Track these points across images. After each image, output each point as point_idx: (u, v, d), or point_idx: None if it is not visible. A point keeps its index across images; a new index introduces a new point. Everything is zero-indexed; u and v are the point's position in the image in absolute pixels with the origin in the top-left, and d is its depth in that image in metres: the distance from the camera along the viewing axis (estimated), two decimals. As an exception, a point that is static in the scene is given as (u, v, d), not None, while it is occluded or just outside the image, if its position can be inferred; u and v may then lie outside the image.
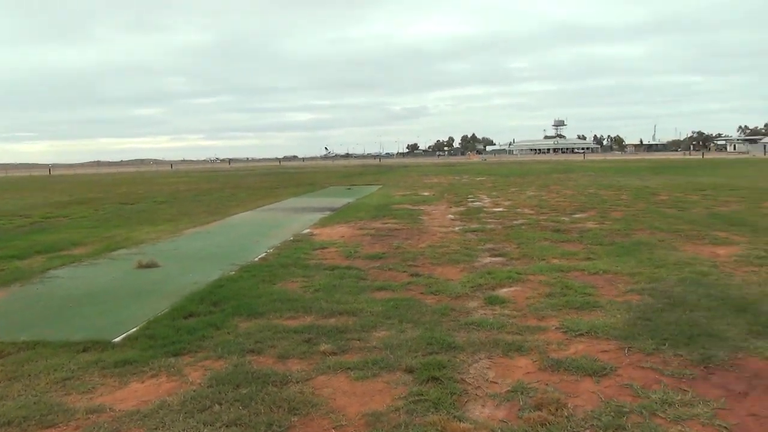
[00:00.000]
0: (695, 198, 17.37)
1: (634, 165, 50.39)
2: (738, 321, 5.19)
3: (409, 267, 8.06)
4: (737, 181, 25.08)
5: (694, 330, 4.96)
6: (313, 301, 6.23)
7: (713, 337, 4.81)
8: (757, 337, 4.81)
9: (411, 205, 17.40)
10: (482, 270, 7.72)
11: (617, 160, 75.54)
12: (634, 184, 24.56)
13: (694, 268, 7.43)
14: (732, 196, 17.74)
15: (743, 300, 5.85)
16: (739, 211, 13.84)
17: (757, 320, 5.20)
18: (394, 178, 35.58)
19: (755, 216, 12.74)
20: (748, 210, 13.97)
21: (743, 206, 14.81)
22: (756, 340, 4.73)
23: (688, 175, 30.76)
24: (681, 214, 13.35)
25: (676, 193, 19.38)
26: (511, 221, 12.86)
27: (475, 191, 22.71)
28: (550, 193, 20.60)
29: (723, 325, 5.08)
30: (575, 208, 15.26)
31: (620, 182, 25.95)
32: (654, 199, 17.51)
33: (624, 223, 12.04)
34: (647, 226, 11.42)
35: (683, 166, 45.91)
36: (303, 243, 10.42)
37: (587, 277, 7.20)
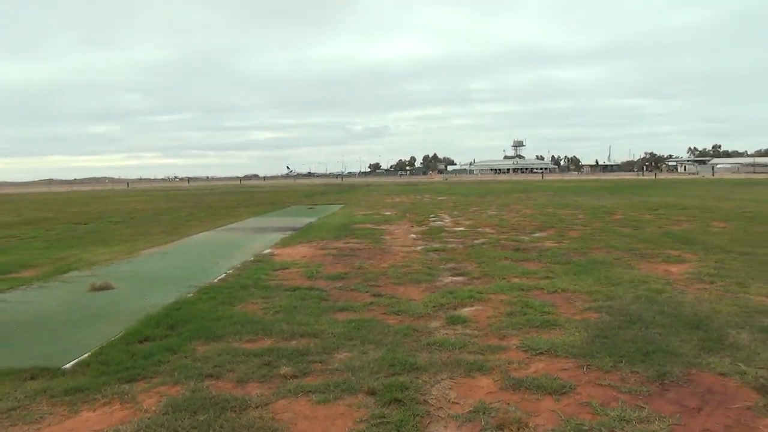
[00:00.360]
0: (649, 217, 17.92)
1: (590, 185, 51.75)
2: (691, 337, 5.35)
3: (371, 287, 8.04)
4: (688, 200, 26.02)
5: (650, 347, 5.08)
6: (273, 323, 6.13)
7: (668, 353, 4.94)
8: (709, 353, 4.96)
9: (373, 224, 17.41)
10: (444, 289, 7.75)
11: (574, 180, 77.46)
12: (591, 203, 25.20)
13: (649, 285, 7.64)
14: (683, 215, 18.38)
15: (695, 317, 6.03)
16: (690, 229, 14.34)
17: (709, 336, 5.36)
18: (357, 197, 35.59)
19: (705, 234, 13.21)
20: (698, 229, 14.48)
21: (694, 225, 15.35)
22: (708, 356, 4.87)
23: (641, 195, 31.74)
24: (635, 233, 13.74)
25: (631, 212, 19.96)
26: (472, 240, 13.00)
27: (436, 210, 22.90)
28: (510, 213, 20.94)
29: (677, 342, 5.22)
30: (534, 228, 15.54)
31: (577, 202, 26.59)
32: (609, 218, 17.99)
33: (581, 241, 12.32)
34: (603, 245, 11.71)
35: (637, 186, 47.39)
36: (264, 263, 10.28)
37: (546, 295, 7.32)
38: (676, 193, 34.01)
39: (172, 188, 75.70)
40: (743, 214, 18.13)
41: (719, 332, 5.49)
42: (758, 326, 5.68)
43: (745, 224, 15.26)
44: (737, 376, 4.45)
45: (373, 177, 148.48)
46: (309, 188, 58.68)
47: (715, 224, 15.45)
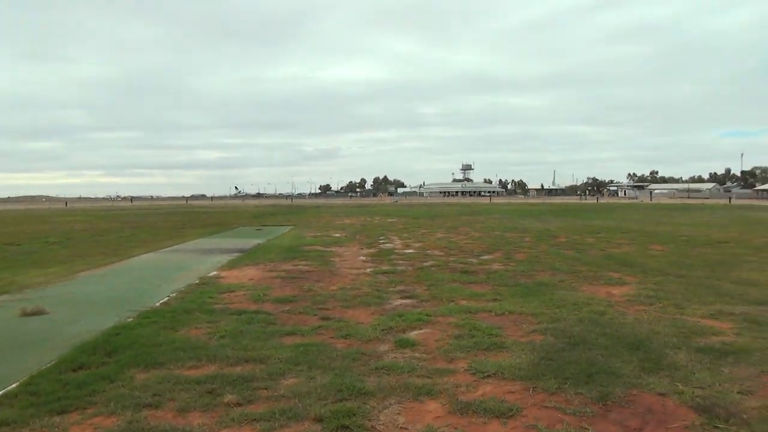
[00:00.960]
0: (591, 240, 18.51)
1: (536, 208, 53.16)
2: (632, 358, 5.50)
3: (319, 310, 7.95)
4: (628, 224, 27.05)
5: (593, 368, 5.20)
6: (217, 349, 5.96)
7: (610, 374, 5.06)
8: (649, 373, 5.11)
9: (323, 246, 17.30)
10: (393, 312, 7.74)
11: (521, 203, 79.44)
12: (536, 226, 25.84)
13: (592, 307, 7.85)
14: (623, 238, 19.08)
15: (635, 338, 6.22)
16: (630, 252, 14.88)
17: (648, 357, 5.54)
18: (306, 219, 35.34)
19: (644, 257, 13.73)
20: (637, 252, 15.04)
21: (633, 248, 15.94)
22: (648, 377, 5.02)
23: (584, 219, 32.81)
24: (579, 256, 14.15)
25: (574, 235, 20.57)
26: (421, 263, 13.07)
27: (386, 233, 22.98)
28: (458, 235, 21.22)
29: (618, 363, 5.36)
30: (482, 250, 15.78)
31: (524, 225, 27.22)
32: (554, 241, 18.47)
33: (527, 264, 12.58)
34: (549, 268, 11.99)
35: (580, 209, 48.99)
36: (209, 286, 10.03)
37: (494, 318, 7.41)
38: (617, 216, 35.33)
39: (113, 208, 73.25)
40: (679, 238, 18.98)
41: (658, 353, 5.68)
42: (694, 347, 5.91)
43: (680, 247, 15.96)
44: (676, 396, 4.60)
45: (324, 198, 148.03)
46: (258, 209, 57.90)
47: (653, 247, 16.09)
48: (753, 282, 10.00)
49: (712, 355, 5.62)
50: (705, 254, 14.33)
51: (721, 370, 5.21)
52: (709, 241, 17.74)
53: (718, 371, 5.17)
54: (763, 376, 5.08)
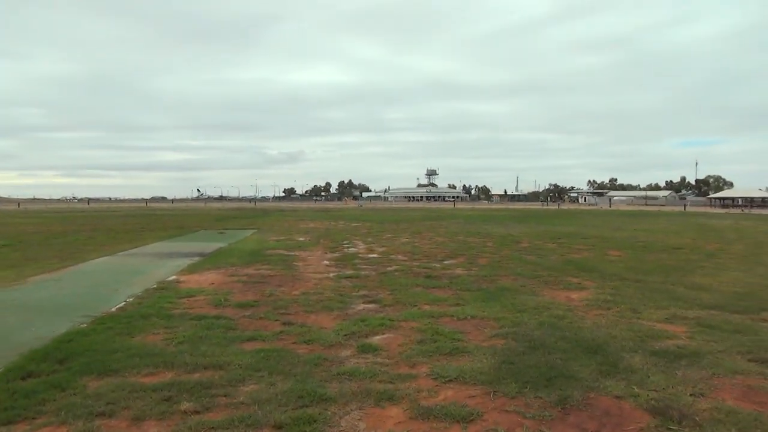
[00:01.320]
0: (552, 246, 18.85)
1: (499, 214, 53.88)
2: (590, 362, 5.61)
3: (281, 315, 7.87)
4: (587, 230, 27.66)
5: (552, 372, 5.28)
6: (175, 355, 5.83)
7: (569, 378, 5.15)
8: (606, 376, 5.22)
9: (286, 250, 17.15)
10: (356, 317, 7.72)
11: (484, 208, 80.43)
12: (499, 232, 26.18)
13: (552, 312, 7.98)
14: (583, 244, 19.49)
15: (593, 342, 6.35)
16: (589, 258, 15.20)
17: (606, 360, 5.65)
18: (270, 223, 34.99)
19: (602, 263, 14.05)
20: (596, 257, 15.38)
21: (593, 254, 16.29)
22: (605, 380, 5.12)
23: (546, 224, 33.40)
24: (540, 261, 14.38)
25: (536, 240, 20.91)
26: (385, 267, 13.08)
27: (350, 237, 22.93)
28: (422, 240, 21.33)
29: (577, 367, 5.46)
30: (446, 255, 15.89)
31: (487, 230, 27.54)
32: (517, 246, 18.74)
33: (490, 269, 12.72)
34: (510, 272, 12.15)
35: (542, 215, 49.86)
36: (168, 291, 9.82)
37: (456, 322, 7.45)
38: (577, 222, 36.09)
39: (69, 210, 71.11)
40: (636, 244, 19.50)
41: (615, 356, 5.81)
42: (649, 350, 6.06)
43: (637, 253, 16.39)
44: (632, 399, 4.70)
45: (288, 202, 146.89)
46: (220, 212, 57.07)
47: (611, 253, 16.48)
48: (705, 287, 10.33)
49: (667, 358, 5.78)
50: (661, 260, 14.75)
51: (675, 373, 5.35)
52: (664, 247, 18.28)
53: (672, 374, 5.31)
54: (714, 378, 5.24)
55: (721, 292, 9.77)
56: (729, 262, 14.32)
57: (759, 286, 10.56)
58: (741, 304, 8.68)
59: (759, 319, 7.70)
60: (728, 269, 12.98)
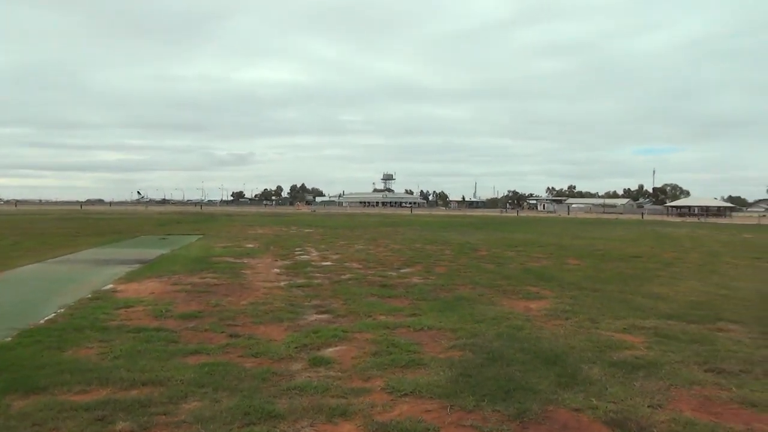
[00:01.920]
0: (511, 254, 19.17)
1: (457, 221, 54.50)
2: (548, 373, 5.71)
3: (228, 327, 7.72)
4: (546, 238, 28.27)
5: (511, 384, 5.34)
6: (111, 371, 5.63)
7: (527, 390, 5.22)
8: (565, 388, 5.32)
9: (233, 257, 16.89)
10: (308, 328, 7.65)
11: (442, 215, 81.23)
12: (457, 239, 26.47)
13: (510, 322, 8.10)
14: (542, 252, 19.90)
15: (552, 353, 6.47)
16: (547, 266, 15.53)
17: (565, 372, 5.77)
18: (217, 228, 34.41)
19: (561, 271, 14.37)
20: (554, 266, 15.73)
21: (551, 262, 16.65)
22: (564, 392, 5.22)
23: (504, 232, 33.97)
24: (499, 270, 14.60)
25: (495, 248, 21.24)
26: (338, 276, 13.03)
27: (303, 244, 22.77)
28: (378, 247, 21.35)
29: (535, 378, 5.55)
30: (402, 263, 15.95)
31: (444, 237, 27.80)
32: (475, 254, 18.98)
33: (447, 278, 12.83)
34: (469, 281, 12.28)
35: (500, 222, 50.72)
36: (104, 301, 9.50)
37: (412, 333, 7.47)
38: (536, 230, 36.84)
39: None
40: (594, 252, 20.05)
41: (573, 368, 5.93)
42: (608, 361, 6.22)
43: (596, 262, 16.85)
44: (590, 411, 4.80)
45: (236, 206, 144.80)
46: (163, 216, 55.73)
47: (570, 261, 16.89)
48: (663, 296, 10.70)
49: (625, 369, 5.94)
50: (619, 268, 15.20)
51: (633, 384, 5.50)
52: (622, 256, 18.85)
53: (630, 385, 5.45)
54: (672, 389, 5.41)
55: (678, 302, 10.13)
56: (685, 271, 14.87)
57: (714, 295, 10.99)
58: (697, 313, 9.01)
59: (715, 328, 8.01)
60: (685, 278, 13.47)
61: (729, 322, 8.39)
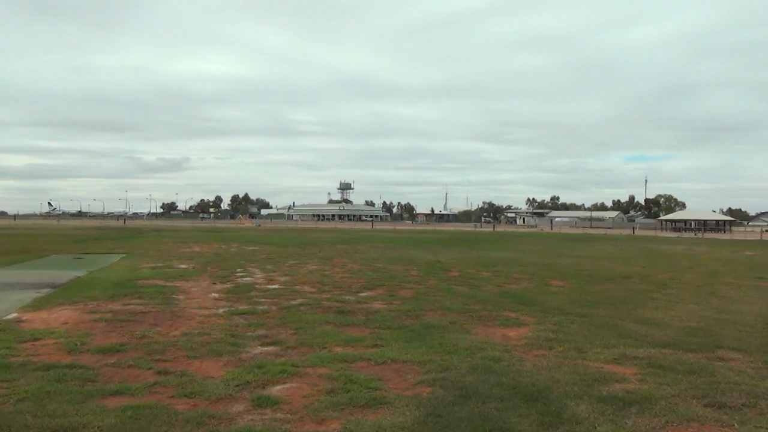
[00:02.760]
0: (486, 275, 19.38)
1: (425, 236, 54.87)
2: (530, 411, 5.77)
3: (156, 362, 7.59)
4: (526, 256, 28.69)
5: (487, 425, 5.38)
6: (14, 416, 5.47)
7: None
8: (548, 428, 5.38)
9: (163, 280, 16.65)
10: (251, 363, 7.58)
11: (408, 230, 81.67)
12: (425, 257, 26.65)
13: (486, 353, 8.17)
14: (522, 272, 20.19)
15: (534, 388, 6.54)
16: (528, 288, 15.75)
17: (548, 409, 5.84)
18: (144, 246, 33.88)
19: (544, 294, 14.60)
20: (536, 288, 15.96)
21: (532, 284, 16.90)
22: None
23: (479, 249, 34.33)
24: (473, 293, 14.74)
25: (468, 268, 21.44)
26: (288, 301, 12.98)
27: (245, 264, 22.61)
28: (334, 268, 21.35)
29: (515, 417, 5.60)
30: (362, 285, 15.97)
31: (411, 255, 27.96)
32: (445, 275, 19.13)
33: (414, 302, 12.90)
34: (438, 306, 12.36)
35: (475, 239, 51.26)
36: (6, 333, 9.25)
37: (374, 367, 7.47)
38: (515, 247, 37.37)
39: None
40: (580, 272, 20.44)
41: (558, 404, 6.01)
42: (596, 396, 6.32)
43: (582, 283, 17.18)
44: (576, 454, 4.86)
45: (167, 220, 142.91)
46: (79, 232, 54.58)
47: (553, 283, 17.17)
48: (657, 321, 10.96)
49: (616, 405, 6.04)
50: (608, 290, 15.52)
51: (625, 422, 5.60)
52: (612, 276, 19.27)
53: (621, 423, 5.55)
54: (668, 426, 5.53)
55: (674, 328, 10.39)
56: (682, 293, 15.29)
57: (714, 320, 11.32)
58: (695, 340, 9.26)
59: (715, 357, 8.23)
60: (681, 301, 13.85)
61: (730, 351, 8.65)
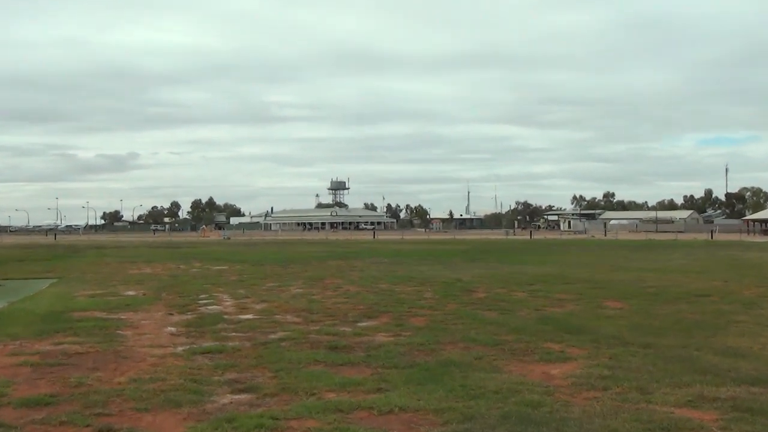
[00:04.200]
0: (521, 295, 19.35)
1: (441, 248, 54.75)
2: (579, 472, 5.75)
3: (96, 417, 7.62)
4: (573, 271, 28.60)
5: (524, 490, 5.35)
6: None
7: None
8: (603, 493, 5.35)
9: (106, 312, 16.67)
10: (219, 416, 7.60)
11: (420, 240, 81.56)
12: (443, 275, 26.59)
13: (522, 396, 8.15)
14: (567, 292, 20.13)
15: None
16: (575, 312, 15.71)
17: (603, 469, 5.81)
18: (81, 267, 33.97)
19: (596, 319, 14.56)
20: (586, 311, 15.92)
21: (581, 306, 16.85)
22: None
23: (512, 263, 34.24)
24: (504, 319, 14.70)
25: (497, 288, 21.41)
26: (265, 335, 12.97)
27: (211, 288, 22.64)
28: (325, 291, 21.36)
29: (560, 480, 5.57)
30: (361, 313, 15.96)
31: (424, 273, 27.90)
32: (468, 297, 19.10)
33: (429, 333, 12.86)
34: (460, 338, 12.33)
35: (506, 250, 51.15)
36: None
37: (377, 418, 7.47)
38: (558, 259, 37.26)
39: None
40: (643, 290, 20.38)
41: (616, 462, 5.97)
42: (665, 450, 6.29)
43: (645, 304, 17.12)
44: None
45: (110, 234, 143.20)
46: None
47: (608, 304, 17.14)
48: (743, 352, 10.90)
49: (690, 461, 6.01)
50: (679, 313, 15.46)
51: (703, 483, 5.57)
52: (684, 294, 19.19)
53: (697, 485, 5.52)
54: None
55: (766, 360, 10.32)
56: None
57: (816, 348, 11.24)
58: (792, 375, 9.20)
59: (818, 397, 8.17)
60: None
61: (838, 388, 8.58)
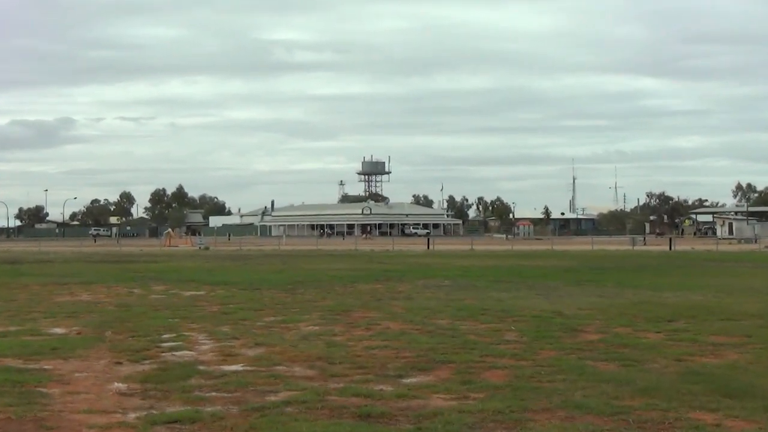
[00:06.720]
0: (655, 337, 19.14)
1: (532, 264, 54.49)
2: None
3: None
4: (737, 300, 28.23)
5: None
6: None
7: None
8: None
9: (21, 359, 16.82)
10: None
11: (499, 252, 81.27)
12: (533, 306, 26.44)
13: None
14: (728, 333, 19.85)
15: None
16: (740, 365, 15.49)
17: None
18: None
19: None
20: (758, 362, 15.69)
21: (750, 355, 16.61)
22: None
23: (639, 287, 33.92)
24: (627, 375, 14.55)
25: (617, 326, 21.22)
26: (262, 396, 12.97)
27: (180, 324, 22.72)
28: (353, 329, 21.37)
29: None
30: (408, 363, 15.90)
31: (504, 303, 27.78)
32: (573, 340, 18.94)
33: (511, 395, 12.77)
34: (559, 403, 12.22)
35: (632, 267, 50.71)
36: None
37: None
38: (713, 282, 36.81)
39: None
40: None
41: None
42: None
43: None
44: None
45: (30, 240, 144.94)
46: None
47: (790, 351, 16.86)
48: None
49: None
50: None
51: None
52: None
53: None
54: None
55: None
56: None
57: None
58: None
59: None
60: None
61: None
